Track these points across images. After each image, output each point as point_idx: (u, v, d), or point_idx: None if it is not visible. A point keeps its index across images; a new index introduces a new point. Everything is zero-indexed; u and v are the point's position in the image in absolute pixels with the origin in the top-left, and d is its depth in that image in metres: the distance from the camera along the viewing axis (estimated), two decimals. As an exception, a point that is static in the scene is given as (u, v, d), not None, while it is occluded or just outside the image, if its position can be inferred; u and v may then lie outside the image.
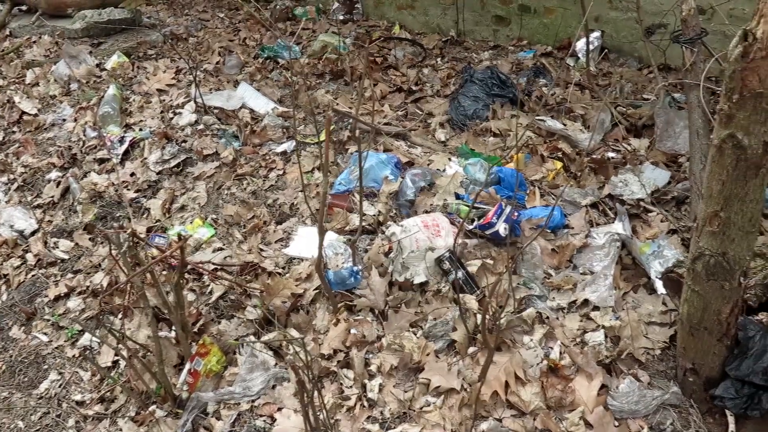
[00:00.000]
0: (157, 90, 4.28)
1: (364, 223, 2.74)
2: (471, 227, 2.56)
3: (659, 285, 2.27)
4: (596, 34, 4.29)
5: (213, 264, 2.64)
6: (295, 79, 4.29)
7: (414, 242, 2.44)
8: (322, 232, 2.07)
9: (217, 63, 4.70)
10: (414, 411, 2.05)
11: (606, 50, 4.32)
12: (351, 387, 2.16)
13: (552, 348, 2.16)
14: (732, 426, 1.81)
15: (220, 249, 2.81)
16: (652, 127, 3.24)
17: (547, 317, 2.27)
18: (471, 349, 2.18)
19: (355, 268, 2.43)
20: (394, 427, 2.00)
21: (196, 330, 2.38)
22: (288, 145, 3.54)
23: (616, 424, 1.92)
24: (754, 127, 1.39)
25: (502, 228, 2.49)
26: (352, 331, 2.31)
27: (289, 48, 4.61)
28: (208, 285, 2.58)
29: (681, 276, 1.99)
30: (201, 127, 3.79)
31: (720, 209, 1.53)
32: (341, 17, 5.38)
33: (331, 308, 2.40)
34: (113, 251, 1.93)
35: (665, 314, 2.20)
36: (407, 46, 4.72)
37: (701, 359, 1.84)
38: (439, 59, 4.54)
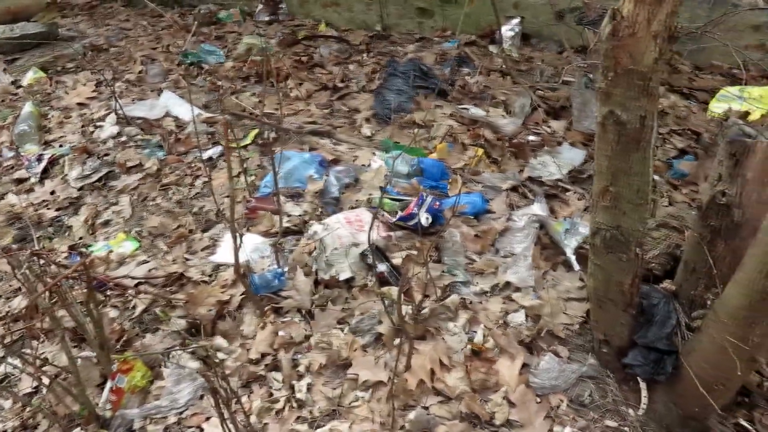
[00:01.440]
0: (78, 104, 4.16)
1: (289, 224, 2.74)
2: (394, 220, 2.57)
3: (575, 262, 2.33)
4: (516, 20, 4.38)
5: (135, 278, 2.58)
6: (220, 84, 4.22)
7: (337, 239, 2.44)
8: (235, 237, 2.04)
9: (140, 72, 4.59)
10: (343, 407, 2.05)
11: (527, 36, 4.42)
12: (280, 389, 2.14)
13: (476, 332, 2.19)
14: (644, 391, 1.88)
15: (145, 262, 2.75)
16: (571, 109, 3.33)
17: (471, 302, 2.30)
18: (397, 341, 2.20)
19: (279, 270, 2.42)
20: (324, 426, 2.00)
21: (120, 347, 2.32)
22: (214, 151, 3.49)
23: (538, 400, 1.97)
24: (630, 103, 1.44)
25: (423, 218, 2.51)
26: (280, 333, 2.29)
27: (213, 53, 4.54)
28: (132, 300, 2.52)
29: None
30: (123, 138, 3.69)
31: (609, 184, 1.58)
32: (266, 18, 5.33)
33: (258, 312, 2.38)
34: (17, 273, 1.86)
35: (582, 290, 2.27)
36: (333, 44, 4.71)
37: (611, 330, 1.90)
38: (365, 55, 4.54)
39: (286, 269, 2.47)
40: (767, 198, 1.56)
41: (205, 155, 3.46)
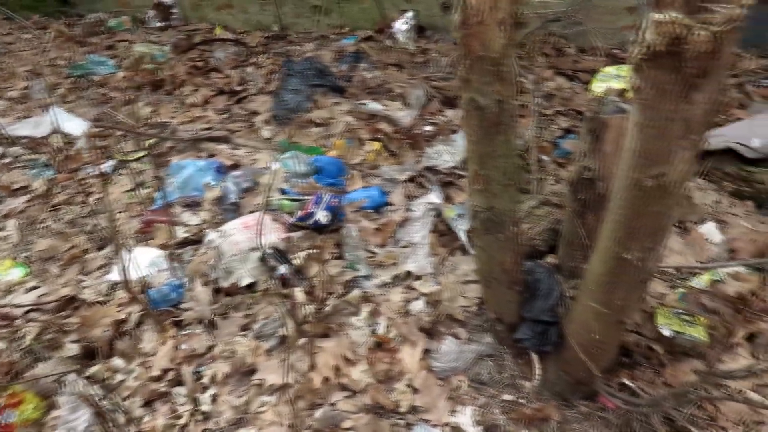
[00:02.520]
0: (-46, 128, 3.88)
1: (187, 234, 2.67)
2: (292, 220, 2.56)
3: (468, 245, 2.40)
4: (410, 13, 4.45)
5: (23, 306, 2.44)
6: (112, 95, 4.06)
7: (234, 245, 2.40)
8: (119, 251, 1.97)
9: (24, 88, 4.34)
10: (250, 414, 2.02)
11: (422, 28, 4.50)
12: (184, 404, 2.09)
13: (379, 324, 2.22)
14: (536, 363, 1.96)
15: (35, 288, 2.60)
16: (464, 97, 3.41)
17: (373, 295, 2.33)
18: (301, 341, 2.19)
19: (176, 282, 2.35)
20: (230, 435, 1.97)
21: (9, 380, 2.19)
22: (107, 166, 3.35)
23: (440, 383, 2.02)
24: (486, 89, 1.49)
25: (322, 216, 2.52)
26: (182, 346, 2.24)
27: (103, 63, 4.35)
28: (20, 329, 2.38)
29: (477, 234, 2.11)
30: (8, 160, 3.48)
31: (479, 168, 1.64)
32: (159, 25, 5.16)
33: (157, 328, 2.31)
34: None
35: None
36: (230, 47, 4.63)
37: (501, 308, 1.98)
38: (262, 56, 4.48)
39: (184, 281, 2.41)
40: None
41: (98, 171, 3.31)
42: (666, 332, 1.92)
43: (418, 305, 2.26)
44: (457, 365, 2.05)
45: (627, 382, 1.89)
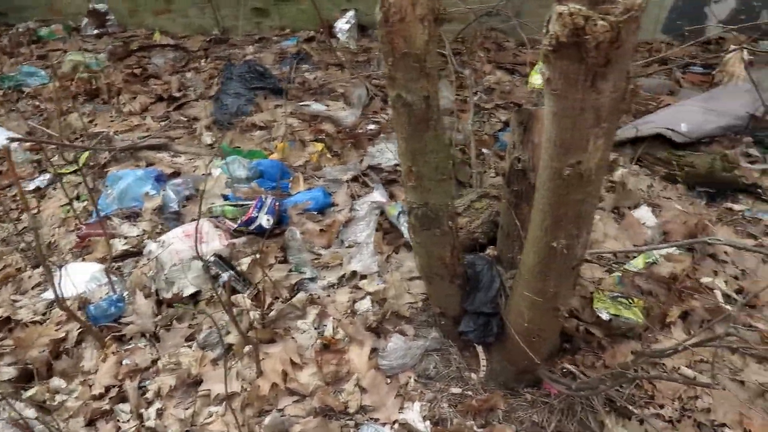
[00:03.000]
0: None
1: (127, 246, 2.60)
2: (235, 226, 2.52)
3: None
4: (351, 12, 4.44)
5: (-47, 331, 2.33)
6: (45, 107, 3.91)
7: (175, 255, 2.35)
8: (48, 269, 1.90)
9: (-50, 104, 4.15)
10: (197, 426, 1.98)
11: (364, 27, 4.50)
12: (128, 420, 2.03)
13: (326, 325, 2.21)
14: (481, 354, 1.99)
15: (-34, 312, 2.49)
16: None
17: (319, 297, 2.31)
18: (247, 348, 2.16)
19: (116, 297, 2.29)
20: (177, 449, 1.93)
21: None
22: (41, 180, 3.23)
23: (388, 381, 2.02)
24: (412, 85, 1.49)
25: (264, 220, 2.48)
26: (124, 362, 2.18)
27: (35, 74, 4.20)
28: (-50, 356, 2.28)
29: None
30: (-65, 178, 3.32)
31: (411, 164, 1.64)
32: (94, 32, 5.01)
33: (98, 344, 2.24)
34: None
35: (422, 267, 2.35)
36: (169, 52, 4.53)
37: (444, 302, 1.99)
38: (203, 60, 4.40)
39: (124, 294, 2.34)
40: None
41: (32, 185, 3.20)
42: (604, 316, 1.97)
43: (364, 305, 2.26)
44: (404, 362, 2.05)
45: (569, 367, 1.93)
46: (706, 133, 2.61)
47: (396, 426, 1.90)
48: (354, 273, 2.39)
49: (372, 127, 3.21)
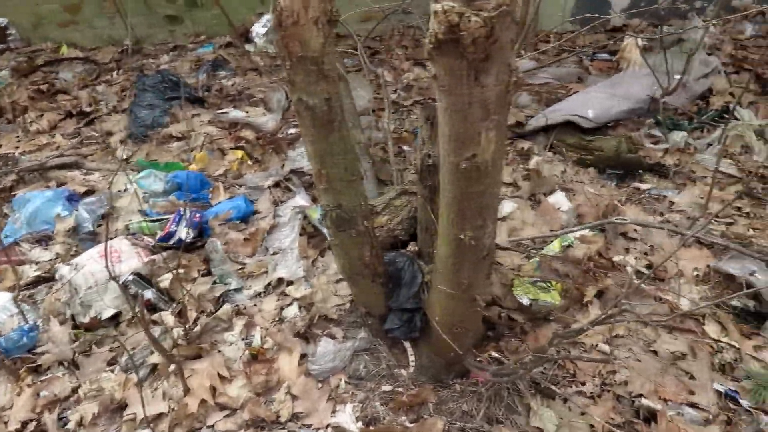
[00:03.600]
0: None
1: (39, 272, 2.48)
2: (154, 242, 2.45)
3: (336, 244, 2.40)
4: (267, 16, 4.38)
5: None
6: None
7: (90, 277, 2.25)
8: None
9: None
10: (123, 453, 1.91)
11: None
12: (50, 455, 1.94)
13: (253, 336, 2.18)
14: (409, 350, 2.01)
15: None
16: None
17: (245, 307, 2.28)
18: (173, 367, 2.10)
19: (27, 326, 2.17)
20: (103, 479, 1.85)
21: None
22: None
23: (319, 386, 2.01)
24: (312, 88, 1.48)
25: (184, 233, 2.42)
26: (42, 393, 2.07)
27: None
28: None
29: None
30: None
31: (321, 167, 1.63)
32: (-6, 48, 4.74)
33: (11, 378, 2.12)
34: None
35: (348, 268, 2.35)
36: (78, 66, 4.34)
37: (369, 301, 2.00)
38: (114, 73, 4.25)
39: (38, 323, 2.23)
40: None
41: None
42: (524, 301, 2.02)
43: (291, 311, 2.24)
44: (334, 365, 2.04)
45: (494, 354, 1.97)
46: (611, 118, 2.73)
47: (329, 430, 1.89)
48: (280, 280, 2.36)
49: (293, 131, 3.19)
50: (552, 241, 2.26)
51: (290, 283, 2.35)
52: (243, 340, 2.16)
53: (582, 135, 2.69)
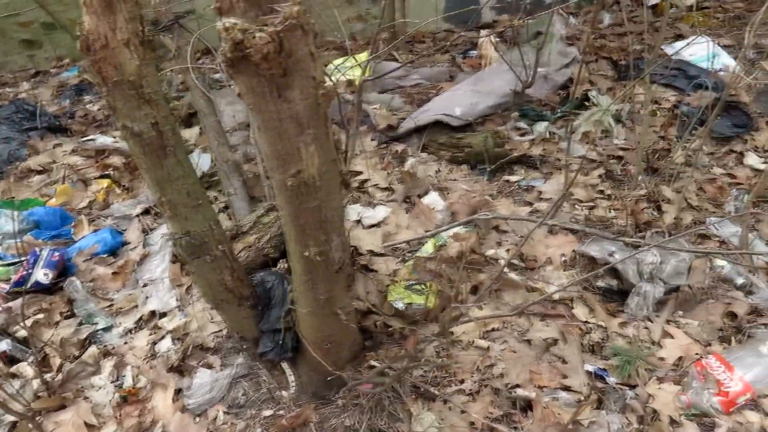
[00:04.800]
0: None
1: None
2: (8, 288, 2.25)
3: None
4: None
5: None
6: None
7: (-69, 336, 2.04)
8: None
9: None
10: None
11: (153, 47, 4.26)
12: None
13: (125, 376, 2.04)
14: (288, 371, 1.95)
15: None
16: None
17: (114, 347, 2.14)
18: (33, 424, 1.93)
19: None
20: None
21: None
22: None
23: (197, 420, 1.91)
24: (135, 113, 1.39)
25: (41, 275, 2.25)
26: None
27: None
28: None
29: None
30: None
31: (161, 194, 1.54)
32: None
33: None
34: None
35: (223, 293, 2.26)
36: (-76, 100, 3.95)
37: (240, 326, 1.92)
38: (-33, 105, 3.90)
39: None
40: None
41: None
42: (399, 306, 2.02)
43: (165, 344, 2.12)
44: (212, 396, 1.95)
45: (374, 363, 1.95)
46: (478, 114, 2.79)
47: (207, 466, 1.80)
48: (152, 313, 2.24)
49: (164, 152, 3.03)
50: (426, 242, 2.27)
51: (163, 314, 2.23)
52: (113, 382, 2.03)
53: (452, 133, 2.73)
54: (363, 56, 3.66)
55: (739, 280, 2.25)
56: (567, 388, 1.90)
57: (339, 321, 1.65)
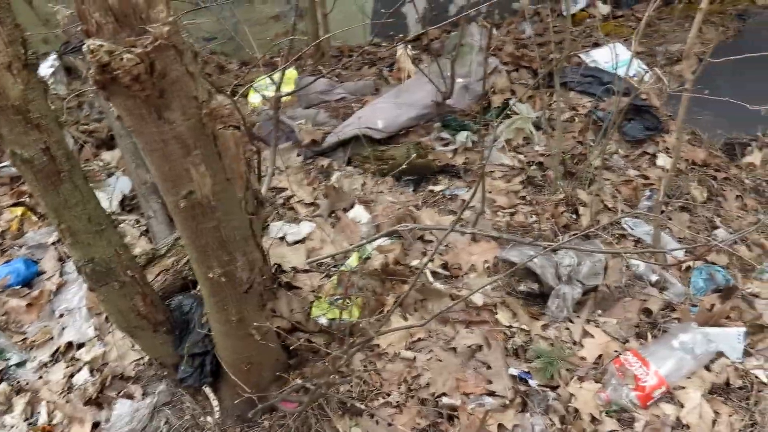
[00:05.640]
0: None
1: None
2: None
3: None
4: (53, 55, 4.04)
5: None
6: None
7: None
8: None
9: None
10: None
11: (71, 69, 4.12)
12: None
13: (39, 413, 1.95)
14: (211, 395, 1.90)
15: None
16: (120, 136, 3.20)
17: (27, 383, 2.04)
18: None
19: None
20: None
21: None
22: None
23: (116, 456, 1.84)
24: (23, 139, 1.34)
25: (-55, 312, 2.12)
26: None
27: None
28: None
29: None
30: None
31: (59, 221, 1.49)
32: None
33: None
34: None
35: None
36: None
37: (159, 352, 1.87)
38: None
39: None
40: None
41: None
42: (323, 322, 2.00)
43: (82, 376, 2.04)
44: (133, 427, 1.89)
45: (300, 381, 1.92)
46: (401, 126, 2.82)
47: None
48: (69, 344, 2.15)
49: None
50: (350, 256, 2.27)
51: (81, 345, 2.14)
52: (26, 420, 1.93)
53: (376, 146, 2.75)
54: (291, 72, 3.66)
55: (653, 277, 2.34)
56: (492, 393, 1.93)
57: (255, 341, 1.62)
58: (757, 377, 2.05)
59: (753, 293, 2.37)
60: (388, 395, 1.92)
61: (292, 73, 3.68)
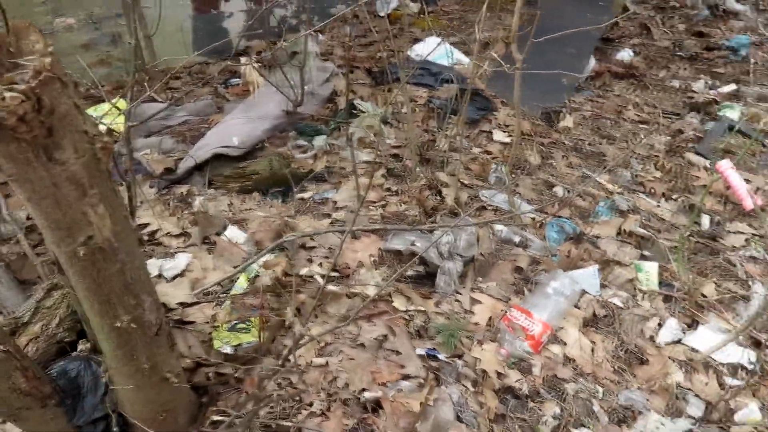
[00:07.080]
0: None
1: None
2: None
3: None
4: None
5: None
6: None
7: None
8: None
9: None
10: None
11: None
12: None
13: None
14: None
15: None
16: None
17: None
18: None
19: None
20: None
21: None
22: None
23: None
24: None
25: None
26: None
27: None
28: None
29: None
30: None
31: None
32: None
33: None
34: None
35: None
36: None
37: (52, 430, 1.66)
38: None
39: None
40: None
41: None
42: (227, 350, 1.92)
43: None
44: None
45: (217, 417, 1.83)
46: (256, 140, 2.78)
47: None
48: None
49: None
50: (238, 278, 2.20)
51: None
52: None
53: (235, 163, 2.68)
54: (121, 102, 3.40)
55: (516, 239, 2.58)
56: (407, 377, 2.00)
57: (170, 386, 1.52)
58: (614, 304, 2.37)
59: (595, 235, 2.72)
60: (311, 405, 1.89)
61: (121, 103, 3.43)
